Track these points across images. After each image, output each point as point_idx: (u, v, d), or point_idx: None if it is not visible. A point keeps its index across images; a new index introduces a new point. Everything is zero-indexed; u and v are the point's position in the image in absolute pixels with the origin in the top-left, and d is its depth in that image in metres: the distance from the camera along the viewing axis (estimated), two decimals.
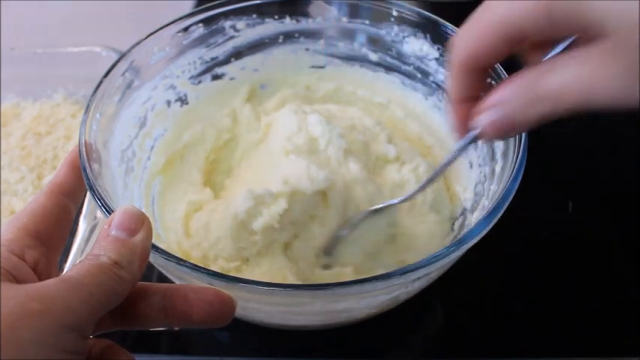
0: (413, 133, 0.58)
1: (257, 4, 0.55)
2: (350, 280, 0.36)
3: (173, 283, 0.43)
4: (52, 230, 0.33)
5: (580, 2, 0.26)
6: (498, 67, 0.44)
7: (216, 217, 0.47)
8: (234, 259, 0.46)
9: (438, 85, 0.55)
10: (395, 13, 0.54)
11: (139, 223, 0.31)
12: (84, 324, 0.26)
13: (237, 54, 0.58)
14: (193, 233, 0.48)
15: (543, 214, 0.58)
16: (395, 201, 0.45)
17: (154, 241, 0.33)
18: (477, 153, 0.51)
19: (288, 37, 0.58)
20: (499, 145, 0.46)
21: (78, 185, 0.38)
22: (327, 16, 0.56)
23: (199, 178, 0.54)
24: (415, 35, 0.54)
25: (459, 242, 0.37)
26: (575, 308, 0.52)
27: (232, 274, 0.45)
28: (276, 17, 0.56)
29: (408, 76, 0.57)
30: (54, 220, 0.34)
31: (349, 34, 0.57)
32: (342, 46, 0.58)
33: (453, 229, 0.51)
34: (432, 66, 0.54)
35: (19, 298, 0.24)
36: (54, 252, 0.33)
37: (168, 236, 0.49)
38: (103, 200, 0.38)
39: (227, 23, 0.55)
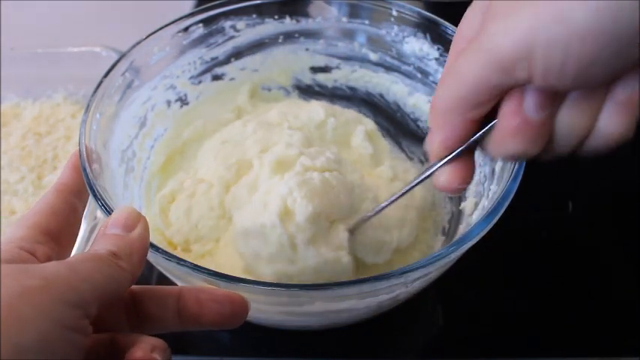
0: None
1: (257, 4, 0.55)
2: (349, 280, 0.36)
3: (174, 283, 0.43)
4: (62, 228, 0.33)
5: None
6: None
7: (199, 198, 0.49)
8: (209, 239, 0.48)
9: None
10: (395, 13, 0.54)
11: (135, 220, 0.31)
12: (86, 302, 0.26)
13: (237, 54, 0.58)
14: (174, 221, 0.49)
15: (543, 214, 0.58)
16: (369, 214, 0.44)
17: (155, 240, 0.33)
18: (477, 153, 0.51)
19: (288, 37, 0.58)
20: None
21: (83, 186, 0.38)
22: (327, 16, 0.56)
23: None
24: (415, 35, 0.54)
25: (459, 242, 0.37)
26: (575, 308, 0.52)
27: (207, 257, 0.47)
28: (276, 17, 0.56)
29: (408, 76, 0.57)
30: (63, 217, 0.34)
31: (349, 34, 0.57)
32: (342, 46, 0.58)
33: (451, 230, 0.51)
34: (431, 66, 0.54)
35: (17, 276, 0.24)
36: (64, 250, 0.33)
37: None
38: (103, 200, 0.38)
39: (227, 23, 0.55)
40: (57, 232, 0.33)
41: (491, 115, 0.30)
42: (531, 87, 0.28)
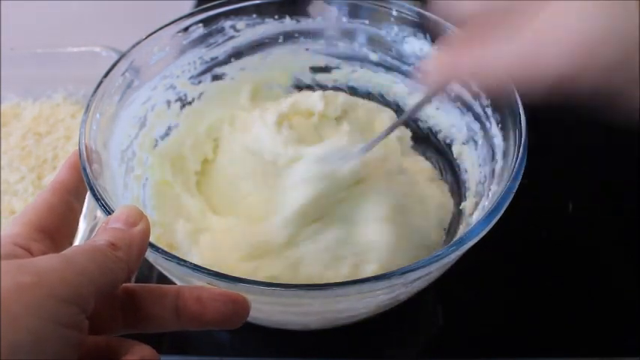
0: None
1: (257, 4, 0.55)
2: (349, 280, 0.36)
3: (174, 283, 0.43)
4: (58, 226, 0.33)
5: None
6: None
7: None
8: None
9: None
10: (395, 13, 0.54)
11: (138, 217, 0.31)
12: (80, 297, 0.25)
13: (237, 54, 0.58)
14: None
15: (543, 214, 0.58)
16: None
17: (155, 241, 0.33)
18: (477, 153, 0.51)
19: (288, 37, 0.58)
20: (499, 145, 0.46)
21: (80, 184, 0.38)
22: (327, 16, 0.56)
23: None
24: (415, 35, 0.54)
25: (459, 242, 0.37)
26: (575, 308, 0.52)
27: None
28: (276, 17, 0.56)
29: (409, 76, 0.57)
30: (59, 215, 0.34)
31: (349, 34, 0.57)
32: (342, 46, 0.58)
33: (451, 230, 0.51)
34: None
35: (11, 273, 0.24)
36: (60, 248, 0.33)
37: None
38: (103, 200, 0.38)
39: (227, 23, 0.55)
40: (53, 230, 0.32)
41: None
42: None
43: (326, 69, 0.60)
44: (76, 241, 0.51)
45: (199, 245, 0.49)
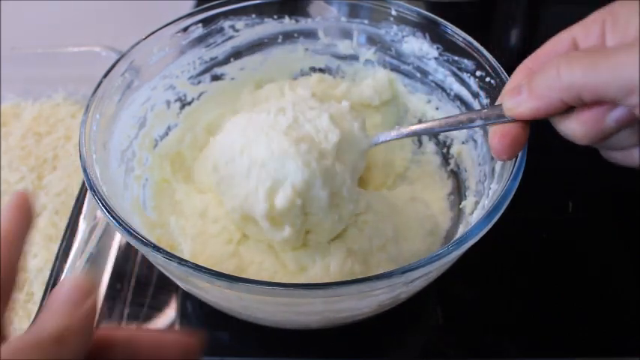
0: None
1: (256, 4, 0.55)
2: (349, 279, 0.36)
3: (175, 283, 0.43)
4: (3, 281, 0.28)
5: None
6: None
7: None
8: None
9: (437, 85, 0.55)
10: (394, 13, 0.54)
11: (87, 292, 0.27)
12: None
13: (237, 54, 0.58)
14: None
15: (543, 214, 0.58)
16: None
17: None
18: (477, 152, 0.51)
19: (287, 37, 0.58)
20: None
21: (21, 229, 0.31)
22: (326, 16, 0.56)
23: None
24: (414, 35, 0.54)
25: (459, 242, 0.37)
26: (576, 308, 0.52)
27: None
28: (275, 17, 0.56)
29: (407, 75, 0.57)
30: (5, 271, 0.28)
31: (348, 34, 0.57)
32: (342, 46, 0.58)
33: (451, 230, 0.51)
34: (431, 65, 0.54)
35: None
36: (5, 298, 0.28)
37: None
38: (103, 200, 0.38)
39: (226, 23, 0.55)
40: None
41: None
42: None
43: (325, 69, 0.60)
44: (76, 243, 0.51)
45: (187, 238, 0.49)
